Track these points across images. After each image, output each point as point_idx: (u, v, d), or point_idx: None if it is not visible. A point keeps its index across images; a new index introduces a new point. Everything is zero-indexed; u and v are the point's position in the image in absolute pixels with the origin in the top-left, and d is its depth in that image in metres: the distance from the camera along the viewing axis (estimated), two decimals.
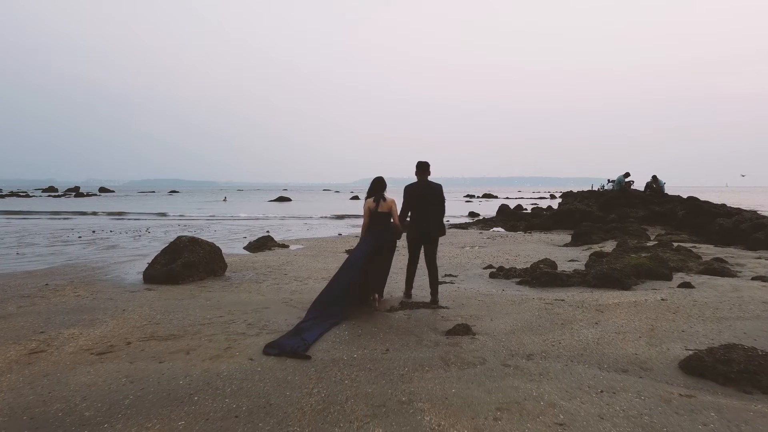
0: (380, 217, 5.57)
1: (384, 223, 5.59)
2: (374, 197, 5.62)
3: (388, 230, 5.61)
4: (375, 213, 5.57)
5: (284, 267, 8.94)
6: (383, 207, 5.57)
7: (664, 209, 17.44)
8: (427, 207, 5.65)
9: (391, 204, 5.61)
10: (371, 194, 5.67)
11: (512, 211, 27.01)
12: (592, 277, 6.77)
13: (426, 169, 5.73)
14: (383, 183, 5.74)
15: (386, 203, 5.59)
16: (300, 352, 3.86)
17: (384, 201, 5.59)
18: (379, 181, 5.74)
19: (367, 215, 5.63)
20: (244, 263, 9.41)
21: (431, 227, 5.65)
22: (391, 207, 5.60)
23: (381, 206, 5.57)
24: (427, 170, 5.73)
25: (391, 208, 5.59)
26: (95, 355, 3.89)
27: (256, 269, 8.68)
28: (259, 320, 4.96)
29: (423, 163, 5.75)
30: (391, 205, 5.61)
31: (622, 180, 18.53)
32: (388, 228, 5.62)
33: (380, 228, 5.57)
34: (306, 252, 11.54)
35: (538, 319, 4.92)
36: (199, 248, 7.78)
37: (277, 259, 10.14)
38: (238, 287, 6.92)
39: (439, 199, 5.68)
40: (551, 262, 7.62)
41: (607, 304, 5.46)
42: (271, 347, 3.98)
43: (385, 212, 5.57)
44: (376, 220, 5.58)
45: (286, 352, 3.85)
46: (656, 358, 3.71)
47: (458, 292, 6.38)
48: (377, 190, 5.64)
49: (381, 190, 5.66)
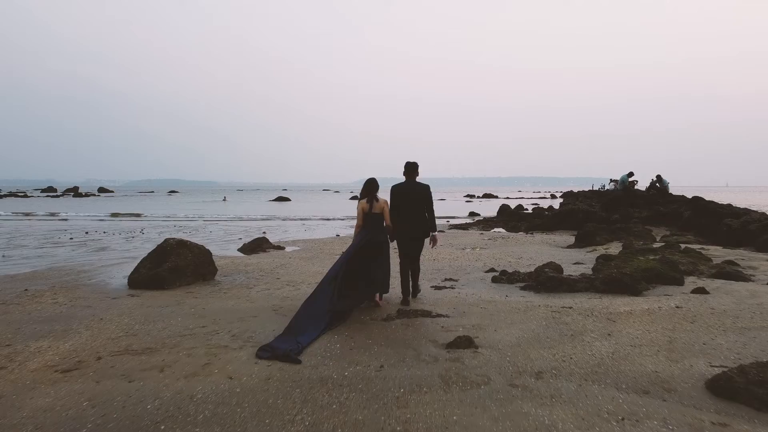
0: (374, 218, 5.60)
1: (377, 224, 5.62)
2: (367, 198, 5.62)
3: (380, 231, 5.63)
4: (368, 214, 5.60)
5: (277, 270, 8.57)
6: (376, 208, 5.59)
7: (669, 209, 17.08)
8: (412, 207, 5.72)
9: (383, 205, 5.63)
10: (364, 195, 5.68)
11: (513, 211, 26.66)
12: (600, 282, 6.41)
13: (413, 169, 5.80)
14: (376, 184, 5.74)
15: (379, 204, 5.61)
16: (292, 356, 3.82)
17: (377, 202, 5.62)
18: (372, 183, 5.74)
19: (361, 216, 5.65)
20: (236, 266, 9.05)
21: (415, 227, 5.74)
22: (384, 208, 5.63)
23: (374, 207, 5.59)
24: (415, 171, 5.80)
25: (383, 209, 5.62)
26: (60, 372, 3.53)
27: (248, 273, 8.32)
28: (245, 331, 4.60)
29: (411, 163, 5.82)
30: (384, 206, 5.64)
31: (626, 179, 18.15)
32: (381, 229, 5.64)
33: (373, 228, 5.60)
34: (301, 254, 11.18)
35: (546, 329, 4.56)
36: (187, 252, 7.42)
37: (270, 261, 9.78)
38: (227, 293, 6.56)
39: (425, 200, 5.73)
40: (557, 265, 7.26)
41: (619, 313, 5.10)
42: (264, 350, 3.94)
43: (378, 213, 5.61)
44: (370, 221, 5.60)
45: (279, 356, 3.82)
46: (679, 377, 3.35)
47: (459, 299, 6.02)
48: (370, 192, 5.65)
49: (374, 191, 5.67)
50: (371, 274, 5.43)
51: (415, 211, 5.73)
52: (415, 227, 5.76)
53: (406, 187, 5.79)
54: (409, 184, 5.79)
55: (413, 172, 5.81)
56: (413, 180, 5.83)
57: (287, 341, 4.13)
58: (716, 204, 15.65)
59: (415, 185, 5.80)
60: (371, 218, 5.59)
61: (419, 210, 5.75)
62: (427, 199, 5.76)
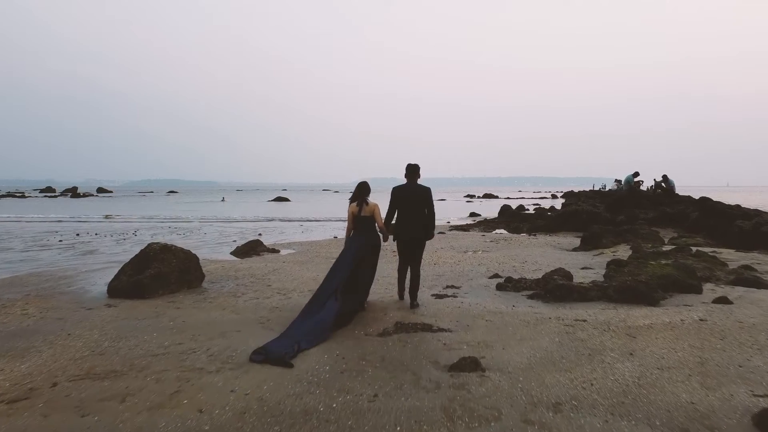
0: (363, 221, 5.62)
1: (367, 226, 5.64)
2: (357, 202, 5.65)
3: (370, 234, 5.65)
4: (358, 217, 5.63)
5: (269, 276, 8.11)
6: (366, 211, 5.61)
7: (676, 210, 16.62)
8: (412, 210, 5.69)
9: (373, 208, 5.64)
10: (355, 199, 5.71)
11: (514, 211, 26.19)
12: (613, 291, 5.95)
13: (414, 171, 5.78)
14: (367, 188, 5.77)
15: (369, 207, 5.62)
16: (286, 359, 3.78)
17: (367, 205, 5.63)
18: (363, 186, 5.77)
19: (351, 219, 5.71)
20: (226, 271, 8.59)
21: (415, 231, 5.71)
22: (374, 211, 5.64)
23: (364, 210, 5.61)
24: (416, 173, 5.79)
25: (373, 212, 5.63)
26: (5, 404, 3.07)
27: (238, 279, 7.86)
28: (225, 349, 4.14)
29: (412, 165, 5.80)
30: (374, 209, 5.65)
31: (631, 179, 17.66)
32: (371, 232, 5.66)
33: (363, 232, 5.62)
34: (296, 258, 10.72)
35: (560, 347, 4.10)
36: (172, 257, 6.96)
37: (263, 266, 9.32)
38: (212, 302, 6.10)
39: (426, 203, 5.70)
40: (566, 272, 6.79)
41: (638, 327, 4.64)
42: (258, 353, 3.91)
43: (367, 216, 5.62)
44: (359, 224, 5.64)
45: (272, 359, 3.78)
46: (720, 410, 2.89)
47: (462, 309, 5.56)
48: (361, 195, 5.67)
49: (364, 194, 5.69)
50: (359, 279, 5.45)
51: (415, 214, 5.68)
52: (415, 229, 5.70)
53: (406, 190, 5.74)
54: (410, 186, 5.75)
55: (414, 174, 5.77)
56: (414, 182, 5.78)
57: (284, 344, 4.10)
58: (725, 205, 15.20)
59: (416, 187, 5.75)
60: (361, 221, 5.61)
61: (419, 212, 5.69)
62: (427, 201, 5.71)
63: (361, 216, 5.60)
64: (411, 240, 5.73)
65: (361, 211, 5.60)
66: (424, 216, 5.70)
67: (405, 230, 5.70)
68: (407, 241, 5.75)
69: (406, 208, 5.68)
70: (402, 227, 5.70)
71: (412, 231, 5.69)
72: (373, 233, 5.66)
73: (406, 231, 5.70)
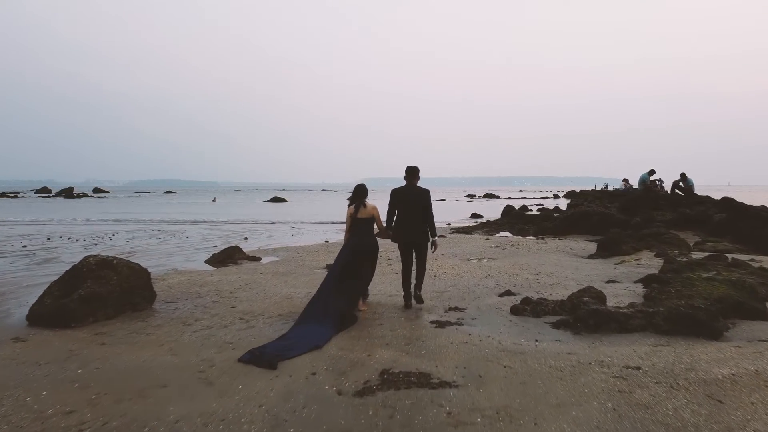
0: (360, 222, 5.69)
1: (364, 228, 5.70)
2: (355, 204, 5.69)
3: (368, 235, 5.71)
4: (355, 219, 5.68)
5: (238, 293, 6.81)
6: (363, 213, 5.66)
7: (696, 212, 15.30)
8: (411, 212, 5.75)
9: (371, 210, 5.70)
10: (353, 201, 5.74)
11: (518, 212, 24.87)
12: (662, 319, 4.65)
13: (414, 174, 5.84)
14: (365, 190, 5.80)
15: (366, 209, 5.68)
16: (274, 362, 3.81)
17: (364, 207, 5.67)
18: (361, 188, 5.80)
19: (349, 221, 5.77)
20: (189, 286, 7.29)
21: (414, 233, 5.77)
22: (372, 213, 5.70)
23: (361, 212, 5.66)
24: (416, 175, 5.84)
25: (372, 214, 5.70)
26: None
27: (200, 297, 6.56)
28: (130, 423, 2.84)
29: (411, 168, 5.86)
30: (372, 211, 5.70)
31: (647, 178, 16.29)
32: (369, 233, 5.72)
33: (360, 233, 5.68)
34: (277, 267, 9.40)
35: (618, 422, 2.80)
36: (112, 274, 5.66)
37: (236, 278, 8.02)
38: (151, 335, 4.79)
39: (424, 205, 5.73)
40: (597, 291, 5.48)
41: (717, 380, 3.34)
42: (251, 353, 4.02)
43: (365, 218, 5.67)
44: (357, 226, 5.70)
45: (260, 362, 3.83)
46: None
47: (471, 346, 4.25)
48: (358, 197, 5.70)
49: (362, 197, 5.72)
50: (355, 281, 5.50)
51: (414, 215, 5.73)
52: (414, 231, 5.76)
53: (405, 191, 5.79)
54: (409, 188, 5.80)
55: (414, 176, 5.83)
56: (414, 184, 5.83)
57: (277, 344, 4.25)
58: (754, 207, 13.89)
59: (415, 189, 5.80)
60: (358, 222, 5.67)
61: (418, 214, 5.73)
62: (426, 203, 5.74)
63: (358, 218, 5.65)
64: (411, 242, 5.79)
65: (358, 212, 5.64)
66: (423, 218, 5.72)
67: (404, 232, 5.76)
68: (408, 244, 5.81)
69: (405, 210, 5.73)
70: (401, 229, 5.76)
71: (411, 233, 5.75)
72: (370, 234, 5.72)
73: (406, 233, 5.76)
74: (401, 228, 5.74)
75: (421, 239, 5.77)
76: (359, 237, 5.64)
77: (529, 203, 38.27)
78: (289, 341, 4.34)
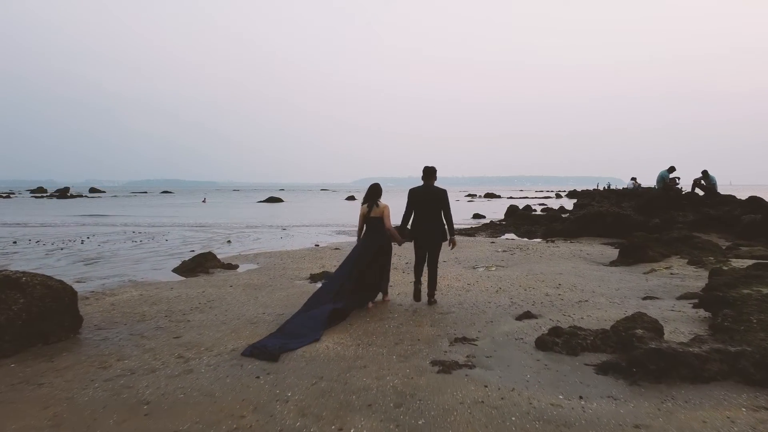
0: (372, 221, 5.82)
1: (376, 227, 5.80)
2: (368, 203, 5.82)
3: (379, 234, 5.78)
4: (368, 218, 5.82)
5: (192, 315, 5.50)
6: (375, 212, 5.79)
7: (720, 212, 14.00)
8: (428, 212, 5.77)
9: (383, 209, 5.80)
10: (366, 200, 5.86)
11: (523, 212, 23.57)
12: (753, 366, 3.35)
13: (431, 174, 5.88)
14: (379, 190, 5.94)
15: (379, 209, 5.80)
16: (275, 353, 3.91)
17: (377, 207, 5.80)
18: (375, 188, 5.94)
19: (361, 220, 5.90)
20: (136, 305, 5.99)
21: (431, 233, 5.78)
22: (383, 212, 5.79)
23: (374, 211, 5.80)
24: (433, 175, 5.89)
25: (383, 213, 5.78)
26: None
27: (144, 320, 5.26)
28: None
29: (429, 168, 5.90)
30: (383, 210, 5.80)
31: (666, 175, 14.92)
32: (380, 232, 5.78)
33: (372, 232, 5.80)
34: (253, 278, 8.08)
35: None
36: (17, 296, 4.34)
37: (198, 293, 6.71)
38: (48, 383, 3.46)
39: (441, 205, 5.78)
40: (651, 320, 4.14)
41: None
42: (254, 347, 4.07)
43: (377, 217, 5.79)
44: (369, 224, 5.84)
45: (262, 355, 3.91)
46: None
47: (489, 413, 2.94)
48: (372, 197, 5.85)
49: (376, 196, 5.86)
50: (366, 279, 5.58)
51: (431, 215, 5.78)
52: (431, 230, 5.78)
53: (423, 191, 5.84)
54: (427, 187, 5.86)
55: (431, 176, 5.88)
56: (431, 184, 5.88)
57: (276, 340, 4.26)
58: None
59: (432, 189, 5.85)
60: (370, 222, 5.81)
61: (436, 213, 5.78)
62: (443, 202, 5.80)
63: (370, 217, 5.80)
64: (427, 242, 5.81)
65: (371, 212, 5.78)
66: (441, 217, 5.78)
67: (421, 232, 5.79)
68: (423, 243, 5.84)
69: (423, 210, 5.78)
70: (418, 228, 5.80)
71: (428, 232, 5.78)
72: (382, 234, 5.79)
73: (422, 232, 5.79)
74: (418, 227, 5.79)
75: (437, 239, 5.80)
76: (371, 235, 5.79)
77: (531, 203, 36.88)
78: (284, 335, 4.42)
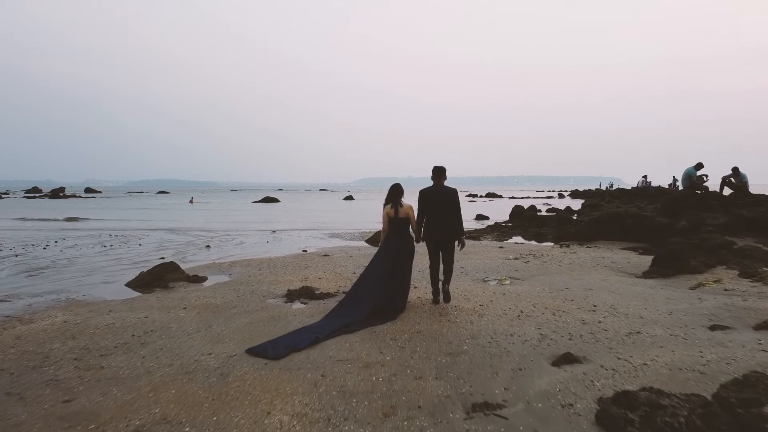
0: (399, 222, 5.68)
1: (402, 228, 5.70)
2: (392, 203, 5.68)
3: (406, 235, 5.70)
4: (394, 219, 5.67)
5: (113, 356, 4.05)
6: (401, 213, 5.65)
7: (755, 214, 12.55)
8: (440, 212, 5.74)
9: (408, 210, 5.70)
10: (389, 201, 5.73)
11: (529, 213, 22.12)
12: None
13: (441, 173, 5.84)
14: (400, 189, 5.80)
15: (404, 209, 5.67)
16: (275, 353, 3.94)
17: (401, 207, 5.67)
18: (396, 188, 5.81)
19: (386, 222, 5.73)
20: (48, 338, 4.55)
21: (443, 232, 5.75)
22: (408, 213, 5.69)
23: (399, 212, 5.64)
24: (442, 175, 5.86)
25: (408, 213, 5.69)
26: None
27: (42, 366, 3.82)
28: None
29: (438, 168, 5.86)
30: (408, 210, 5.70)
31: (693, 173, 13.44)
32: (406, 235, 5.71)
33: (400, 234, 5.67)
34: (216, 296, 6.61)
35: None
36: None
37: (138, 320, 5.27)
38: None
39: (452, 204, 5.75)
40: None
41: None
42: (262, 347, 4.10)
43: (403, 218, 5.68)
44: (395, 226, 5.69)
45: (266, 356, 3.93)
46: None
47: None
48: (394, 197, 5.70)
49: (398, 196, 5.71)
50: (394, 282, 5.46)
51: (443, 215, 5.73)
52: (443, 230, 5.73)
53: (434, 191, 5.79)
54: (437, 188, 5.82)
55: (441, 176, 5.84)
56: (441, 184, 5.84)
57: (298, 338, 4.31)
58: None
59: (443, 189, 5.81)
60: (396, 223, 5.67)
61: (447, 214, 5.73)
62: (454, 202, 5.75)
63: (397, 218, 5.65)
64: (440, 242, 5.79)
65: (397, 213, 5.64)
66: (452, 217, 5.71)
67: (434, 232, 5.74)
68: (437, 243, 5.81)
69: (434, 210, 5.73)
70: (431, 229, 5.75)
71: (440, 232, 5.73)
72: (408, 235, 5.72)
73: (435, 232, 5.74)
74: (431, 227, 5.75)
75: (450, 238, 5.79)
76: (399, 237, 5.66)
77: (535, 203, 35.37)
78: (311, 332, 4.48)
